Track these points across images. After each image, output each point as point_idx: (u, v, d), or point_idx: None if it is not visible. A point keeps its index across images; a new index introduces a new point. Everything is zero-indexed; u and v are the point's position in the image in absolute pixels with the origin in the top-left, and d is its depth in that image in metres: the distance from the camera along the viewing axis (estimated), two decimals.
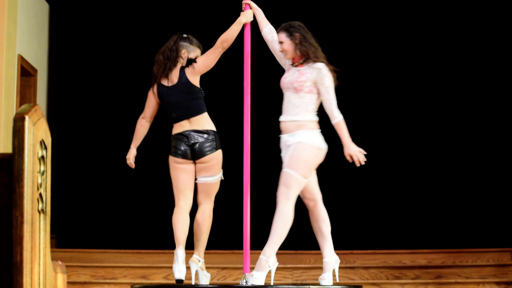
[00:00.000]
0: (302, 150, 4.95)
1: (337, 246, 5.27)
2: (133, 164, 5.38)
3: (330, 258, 5.05)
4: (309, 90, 5.00)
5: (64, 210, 8.14)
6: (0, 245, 2.90)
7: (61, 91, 8.51)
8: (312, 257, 7.35)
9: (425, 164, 8.13)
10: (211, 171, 5.19)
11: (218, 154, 5.21)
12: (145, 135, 5.43)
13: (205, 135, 5.17)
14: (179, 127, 5.23)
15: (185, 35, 5.36)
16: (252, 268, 4.97)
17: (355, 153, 4.94)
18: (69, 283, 6.26)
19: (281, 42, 5.13)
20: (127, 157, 5.38)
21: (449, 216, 8.02)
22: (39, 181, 2.98)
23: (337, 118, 4.97)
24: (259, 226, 5.50)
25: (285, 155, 5.03)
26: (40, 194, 2.99)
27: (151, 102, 5.37)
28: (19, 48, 7.49)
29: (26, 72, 7.79)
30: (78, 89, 8.42)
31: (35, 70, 8.04)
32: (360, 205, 8.12)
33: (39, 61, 8.24)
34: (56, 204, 8.06)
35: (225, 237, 7.70)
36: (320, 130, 5.05)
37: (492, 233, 7.81)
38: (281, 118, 5.11)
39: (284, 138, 5.08)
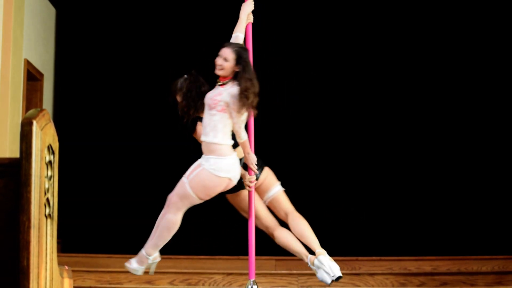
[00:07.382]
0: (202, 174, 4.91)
1: (343, 253, 5.27)
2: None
3: None
4: (221, 109, 4.93)
5: (70, 214, 8.14)
6: (7, 250, 2.89)
7: (68, 95, 8.52)
8: None
9: (430, 171, 8.13)
10: None
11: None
12: None
13: None
14: None
15: None
16: (257, 274, 4.96)
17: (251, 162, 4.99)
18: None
19: (225, 59, 4.99)
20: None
21: (454, 223, 8.01)
22: (47, 186, 2.97)
23: (242, 138, 4.94)
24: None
25: None
26: (47, 199, 2.98)
27: None
28: (26, 52, 7.49)
29: (32, 76, 7.79)
30: (84, 93, 8.44)
31: (41, 75, 8.04)
32: (366, 212, 8.11)
33: (46, 66, 8.25)
34: (61, 208, 8.05)
35: (230, 243, 7.70)
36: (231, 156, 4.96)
37: (498, 240, 7.80)
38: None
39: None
